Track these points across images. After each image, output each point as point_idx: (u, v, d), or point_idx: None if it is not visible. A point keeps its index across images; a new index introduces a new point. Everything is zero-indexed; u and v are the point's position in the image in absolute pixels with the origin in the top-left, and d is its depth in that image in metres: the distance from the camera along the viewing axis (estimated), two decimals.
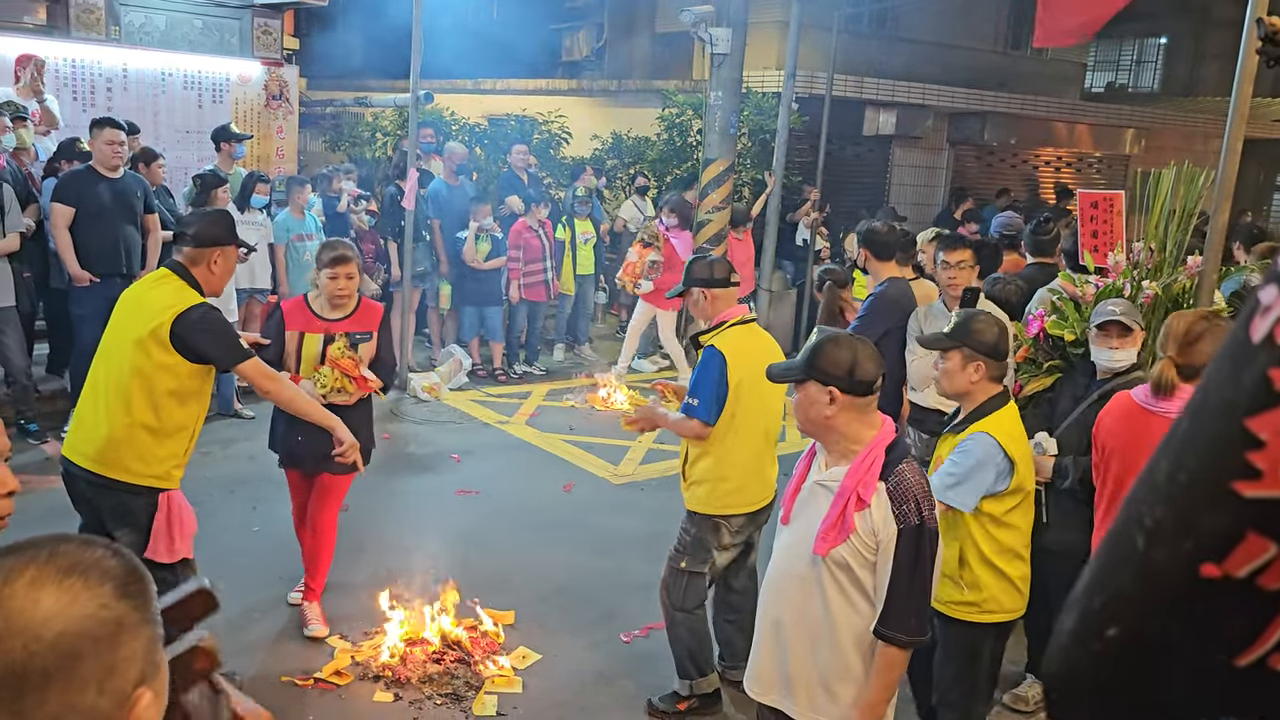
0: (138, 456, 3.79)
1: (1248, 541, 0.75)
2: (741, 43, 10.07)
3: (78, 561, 1.03)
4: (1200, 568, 0.77)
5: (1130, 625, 0.84)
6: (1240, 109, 4.08)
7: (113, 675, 1.02)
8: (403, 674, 4.38)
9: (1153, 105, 19.03)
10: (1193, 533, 0.78)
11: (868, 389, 2.77)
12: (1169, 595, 0.80)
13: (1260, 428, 0.73)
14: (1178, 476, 0.79)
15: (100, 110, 8.75)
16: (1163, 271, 4.42)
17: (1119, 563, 0.84)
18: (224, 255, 3.96)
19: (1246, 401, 0.74)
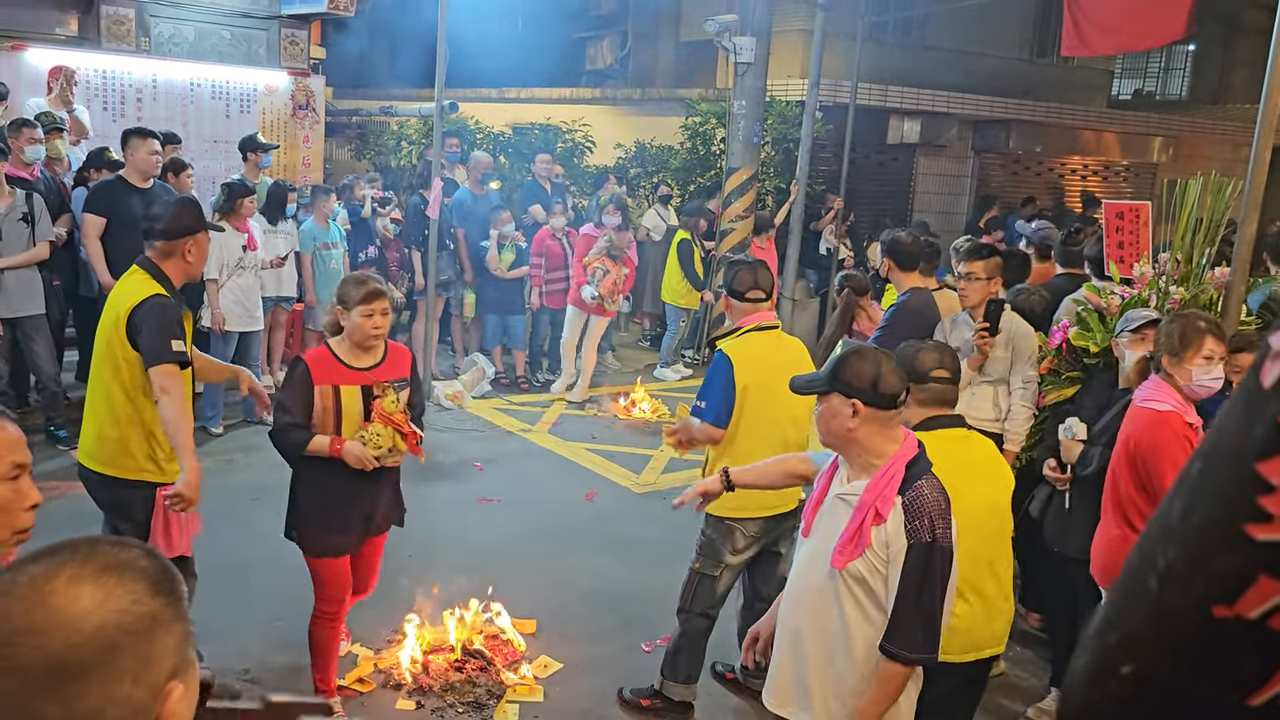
0: (127, 452, 3.87)
1: (1259, 584, 0.76)
2: (765, 51, 10.08)
3: (113, 560, 1.08)
4: (1213, 609, 0.78)
5: (1144, 664, 0.84)
6: (1269, 118, 4.04)
7: (148, 668, 1.06)
8: (425, 682, 4.40)
9: (1181, 113, 18.86)
10: (1205, 574, 0.79)
11: (891, 402, 2.74)
12: (1182, 636, 0.81)
13: (1271, 472, 0.74)
14: (1191, 519, 0.80)
15: (130, 120, 8.86)
16: (1189, 282, 4.38)
17: (1133, 602, 0.85)
18: (196, 243, 3.95)
19: (1258, 447, 0.75)
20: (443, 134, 9.09)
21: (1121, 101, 21.09)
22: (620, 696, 4.41)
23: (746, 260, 4.45)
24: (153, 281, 3.85)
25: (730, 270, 4.34)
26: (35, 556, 1.08)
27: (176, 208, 4.04)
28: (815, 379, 2.92)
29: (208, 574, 5.05)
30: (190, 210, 4.05)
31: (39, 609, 1.02)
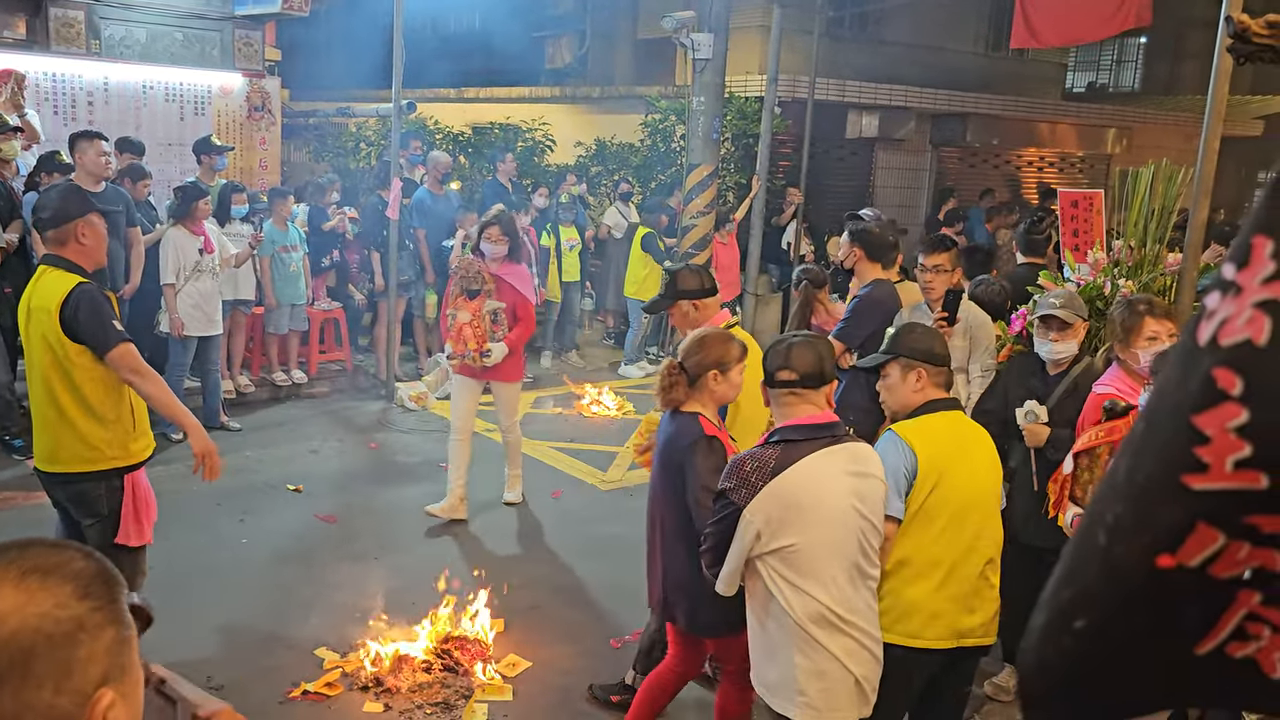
0: (84, 445, 3.83)
1: (1198, 532, 0.79)
2: (723, 48, 10.10)
3: (41, 563, 1.04)
4: (1156, 559, 0.81)
5: (1096, 618, 0.87)
6: (1217, 107, 4.12)
7: (70, 675, 1.02)
8: (392, 684, 4.36)
9: (1133, 104, 19.13)
10: (1149, 527, 0.81)
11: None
12: (1130, 587, 0.84)
13: (1205, 424, 0.78)
14: (1135, 476, 0.83)
15: (81, 123, 8.72)
16: (1143, 269, 4.45)
17: (1084, 559, 0.87)
18: (87, 225, 3.85)
19: (1193, 400, 0.78)
20: (403, 135, 9.04)
21: (1075, 94, 21.35)
22: (590, 692, 4.41)
23: (690, 267, 4.49)
24: (67, 274, 3.79)
25: (689, 277, 4.37)
26: None
27: (58, 194, 3.97)
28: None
29: (171, 579, 5.00)
30: (74, 195, 3.99)
31: None
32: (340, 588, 5.29)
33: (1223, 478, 0.77)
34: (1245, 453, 0.76)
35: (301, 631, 4.82)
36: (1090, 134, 17.25)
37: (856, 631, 2.90)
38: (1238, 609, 0.83)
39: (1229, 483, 0.77)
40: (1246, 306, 0.77)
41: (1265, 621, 0.84)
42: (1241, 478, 0.77)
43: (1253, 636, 0.85)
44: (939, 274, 4.86)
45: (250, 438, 7.65)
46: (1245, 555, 0.80)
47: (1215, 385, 0.77)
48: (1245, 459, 0.76)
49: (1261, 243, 0.78)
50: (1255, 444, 0.76)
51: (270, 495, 6.56)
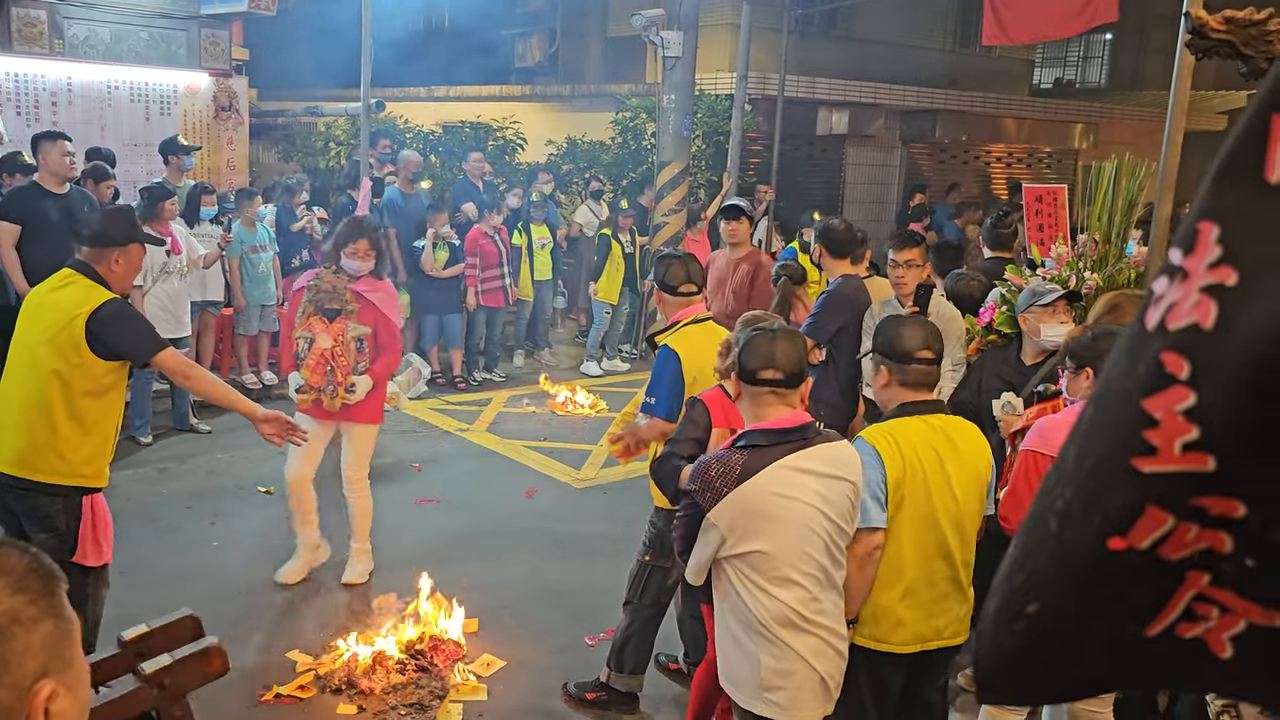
0: (60, 456, 3.78)
1: (1148, 514, 0.81)
2: (693, 45, 10.12)
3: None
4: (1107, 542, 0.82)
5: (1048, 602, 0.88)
6: (1179, 102, 4.16)
7: (7, 669, 1.03)
8: (366, 685, 4.34)
9: (1100, 100, 19.33)
10: (1099, 511, 0.83)
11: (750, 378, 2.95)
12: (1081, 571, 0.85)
13: (1154, 407, 0.79)
14: (1084, 461, 0.84)
15: (45, 124, 8.62)
16: (1107, 262, 4.50)
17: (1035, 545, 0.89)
18: (125, 254, 3.88)
19: (1141, 385, 0.80)
20: (372, 134, 8.99)
21: (1043, 90, 21.54)
22: (565, 691, 4.41)
23: (677, 254, 4.46)
24: (98, 287, 3.80)
25: (662, 265, 4.35)
26: None
27: (108, 216, 3.99)
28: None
29: (140, 583, 4.95)
30: (123, 220, 3.97)
31: None
32: (312, 589, 5.26)
33: (1171, 460, 0.79)
34: (1193, 435, 0.78)
35: (273, 634, 4.79)
36: (1058, 129, 17.42)
37: (823, 631, 2.89)
38: (1187, 590, 0.85)
39: (1178, 465, 0.79)
40: (1193, 291, 0.79)
41: (1214, 602, 0.85)
42: (1190, 460, 0.78)
43: (1201, 617, 0.86)
44: (910, 269, 4.89)
45: (220, 440, 7.58)
46: (1194, 537, 0.82)
47: (1163, 369, 0.78)
48: (1193, 441, 0.78)
49: (1207, 228, 0.80)
50: (1203, 426, 0.77)
51: (241, 497, 6.52)
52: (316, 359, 4.94)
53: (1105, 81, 22.88)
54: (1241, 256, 0.77)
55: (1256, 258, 0.76)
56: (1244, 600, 0.84)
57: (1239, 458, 0.77)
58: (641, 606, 4.24)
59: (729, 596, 2.94)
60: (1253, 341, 0.75)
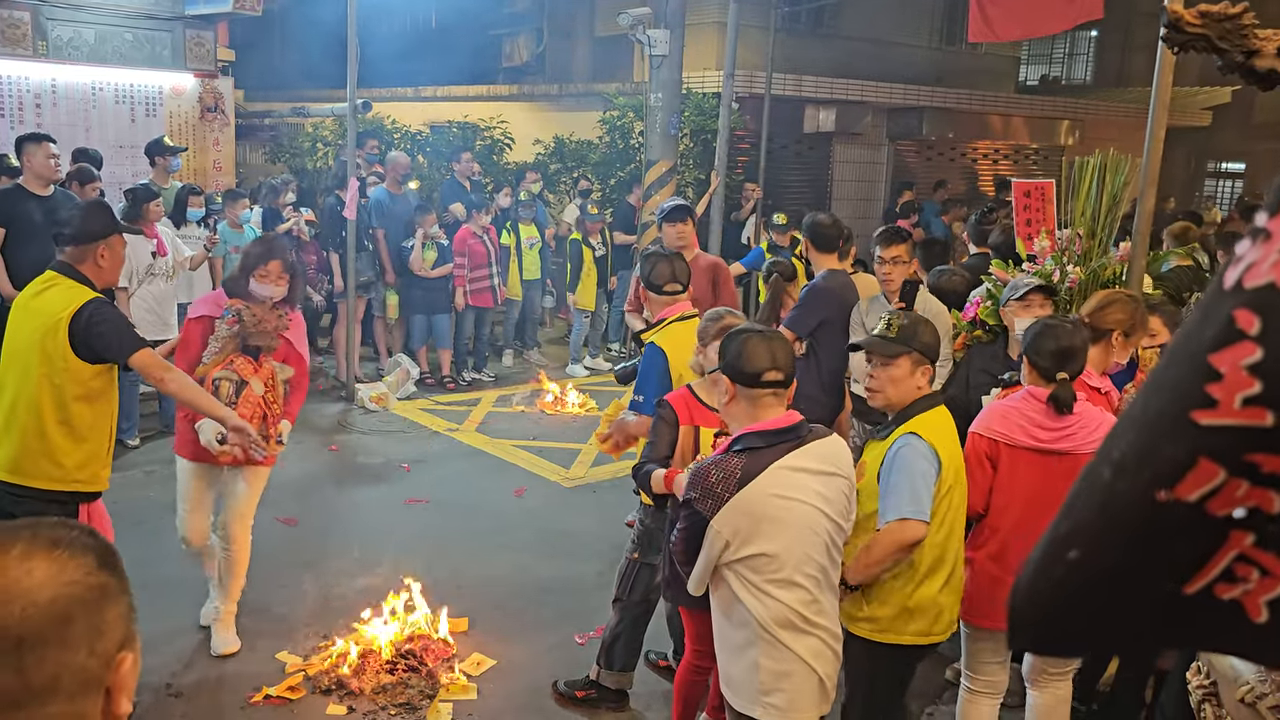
0: (54, 463, 3.76)
1: (1199, 467, 0.82)
2: (680, 44, 10.12)
3: (61, 536, 1.12)
4: (1156, 493, 0.83)
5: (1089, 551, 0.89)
6: (1161, 97, 4.19)
7: (100, 638, 1.10)
8: (356, 686, 4.34)
9: (1086, 97, 19.40)
10: (1153, 462, 0.84)
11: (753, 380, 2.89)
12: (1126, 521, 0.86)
13: (1220, 362, 0.80)
14: (1146, 414, 0.85)
15: (30, 126, 8.59)
16: (1092, 257, 4.52)
17: (1085, 493, 0.90)
18: (108, 247, 3.85)
19: (1211, 340, 0.81)
20: (360, 134, 8.97)
21: (1029, 87, 21.61)
22: (555, 689, 4.41)
23: (664, 253, 4.46)
24: (80, 287, 3.76)
25: (647, 263, 4.35)
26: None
27: (86, 211, 3.95)
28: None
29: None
30: (100, 214, 3.94)
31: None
32: (301, 591, 5.25)
33: (1230, 414, 0.80)
34: (1255, 390, 0.79)
35: (262, 635, 4.78)
36: (1044, 126, 17.48)
37: (822, 632, 2.89)
38: (1229, 549, 0.85)
39: (1236, 419, 0.80)
40: (1274, 251, 0.80)
41: (1255, 564, 0.86)
42: (1248, 414, 0.79)
43: (1241, 579, 0.87)
44: (897, 265, 4.91)
45: None
46: (1243, 494, 0.82)
47: (1234, 325, 0.80)
48: (1254, 396, 0.79)
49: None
50: (1265, 381, 0.78)
51: None
52: (252, 408, 4.25)
53: (1091, 78, 22.97)
54: None
55: None
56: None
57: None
58: (630, 604, 4.24)
59: (729, 601, 2.91)
60: None
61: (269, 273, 4.32)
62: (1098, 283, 4.47)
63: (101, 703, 1.11)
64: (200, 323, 4.33)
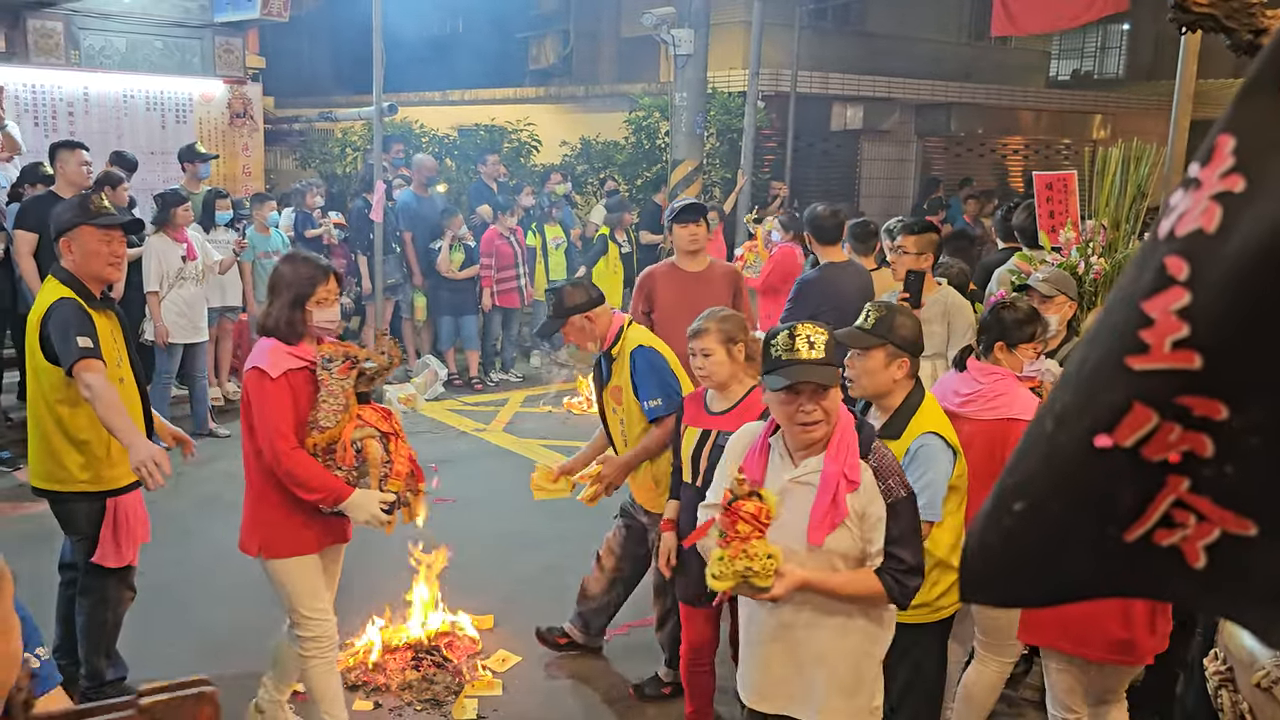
0: (60, 465, 3.81)
1: (1134, 412, 0.84)
2: (704, 43, 10.12)
3: None
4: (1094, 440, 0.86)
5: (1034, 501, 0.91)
6: (1185, 86, 4.15)
7: None
8: (381, 682, 4.37)
9: (1118, 91, 19.19)
10: (1090, 409, 0.86)
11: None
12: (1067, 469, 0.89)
13: (1151, 308, 0.82)
14: (1085, 365, 0.88)
15: (63, 134, 8.73)
16: (1116, 248, 4.47)
17: (1030, 445, 0.93)
18: (74, 241, 3.76)
19: (1144, 287, 0.83)
20: (387, 138, 9.04)
21: (1060, 82, 21.40)
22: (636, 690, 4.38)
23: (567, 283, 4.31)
24: (60, 286, 3.76)
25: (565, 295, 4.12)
26: None
27: (58, 208, 3.90)
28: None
29: (158, 586, 5.00)
30: (65, 209, 3.86)
31: None
32: None
33: (1161, 358, 0.82)
34: (1184, 333, 0.80)
35: None
36: (1075, 121, 17.32)
37: None
38: (1167, 494, 0.87)
39: (1166, 362, 0.82)
40: (1203, 199, 0.82)
41: (1191, 509, 0.87)
42: (1178, 358, 0.81)
43: (1179, 524, 0.88)
44: (900, 256, 4.89)
45: (238, 444, 7.61)
46: (1176, 438, 0.84)
47: (1165, 271, 0.82)
48: (1183, 339, 0.80)
49: (1225, 140, 0.83)
50: (1193, 324, 0.80)
51: None
52: (407, 463, 3.56)
53: (1123, 72, 22.69)
54: (1252, 165, 0.80)
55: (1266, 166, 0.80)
56: (1220, 508, 0.86)
57: (1224, 356, 0.80)
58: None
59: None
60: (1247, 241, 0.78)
61: (329, 294, 3.54)
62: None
63: None
64: (288, 381, 3.42)
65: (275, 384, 3.38)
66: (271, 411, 3.37)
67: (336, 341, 3.59)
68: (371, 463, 3.42)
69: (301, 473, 3.35)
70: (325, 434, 3.39)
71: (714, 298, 4.94)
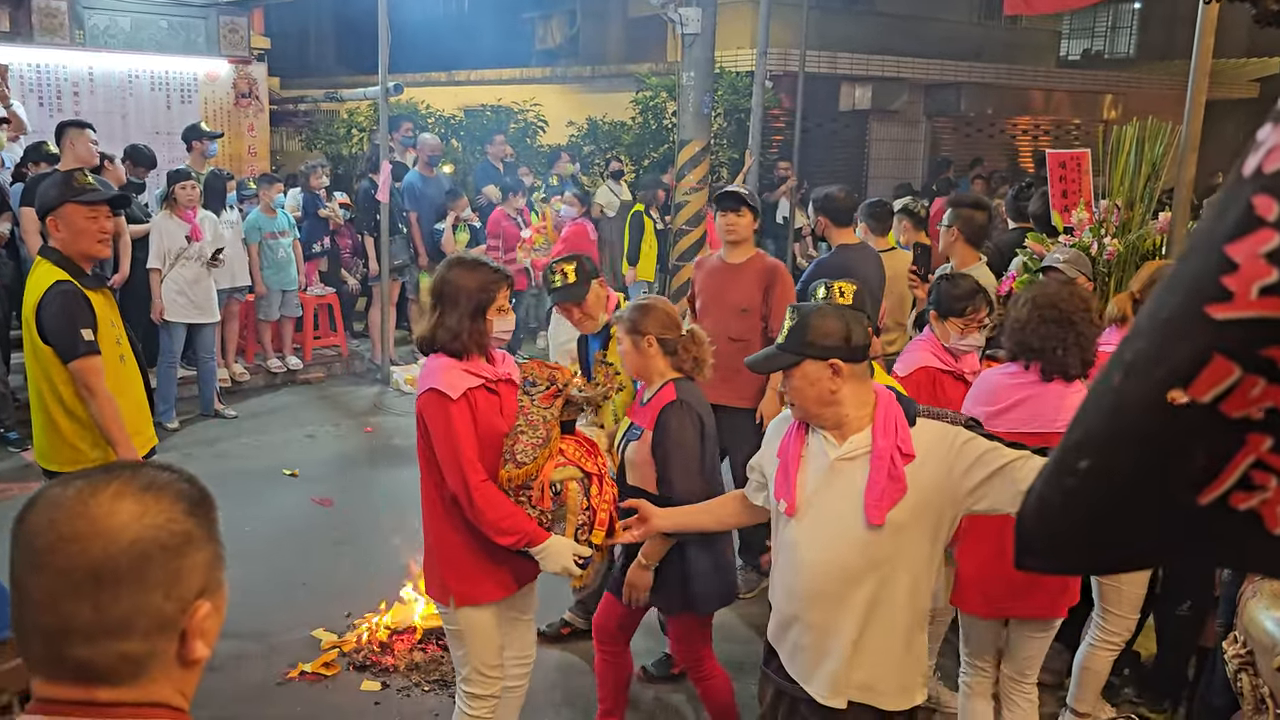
0: (67, 445, 3.75)
1: (1214, 364, 0.77)
2: (712, 22, 10.02)
3: (155, 480, 1.16)
4: (1168, 394, 0.78)
5: (1101, 458, 0.84)
6: (1202, 62, 4.08)
7: (178, 583, 1.13)
8: (390, 662, 4.37)
9: (1129, 70, 19.04)
10: (1165, 360, 0.79)
11: (864, 354, 2.62)
12: (1138, 425, 0.81)
13: (1236, 252, 0.74)
14: (1160, 313, 0.80)
15: (68, 114, 8.70)
16: (1131, 228, 4.42)
17: (1097, 399, 0.85)
18: (60, 219, 3.68)
19: (1228, 230, 0.75)
20: (393, 118, 8.99)
21: (1071, 61, 21.25)
22: (644, 673, 4.35)
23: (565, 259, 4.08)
24: (54, 268, 3.66)
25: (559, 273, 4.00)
26: (88, 474, 1.16)
27: (44, 185, 3.81)
28: (776, 355, 2.67)
29: None
30: (51, 186, 3.75)
31: (82, 519, 1.10)
32: (336, 570, 5.29)
33: (1246, 305, 0.74)
34: (1272, 278, 0.73)
35: (298, 613, 4.82)
36: (1086, 101, 17.19)
37: None
38: (1246, 454, 0.80)
39: (1253, 310, 0.74)
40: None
41: (1273, 470, 0.81)
42: (1265, 305, 0.74)
43: (1259, 486, 0.82)
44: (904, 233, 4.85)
45: (246, 424, 7.65)
46: (1259, 393, 0.77)
47: (1253, 212, 0.74)
48: (1272, 285, 0.73)
49: None
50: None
51: (267, 480, 6.57)
52: (610, 508, 3.13)
53: (1134, 51, 22.52)
54: None
55: None
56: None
57: None
58: None
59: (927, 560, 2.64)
60: None
61: (506, 300, 3.13)
62: (1137, 254, 4.38)
63: (176, 645, 1.14)
64: (468, 402, 3.03)
65: (457, 406, 2.99)
66: (457, 439, 2.99)
67: (541, 361, 3.18)
68: (571, 509, 3.03)
69: (493, 513, 2.98)
70: (522, 470, 2.99)
71: (741, 292, 4.81)
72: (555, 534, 3.02)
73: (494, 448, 3.04)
